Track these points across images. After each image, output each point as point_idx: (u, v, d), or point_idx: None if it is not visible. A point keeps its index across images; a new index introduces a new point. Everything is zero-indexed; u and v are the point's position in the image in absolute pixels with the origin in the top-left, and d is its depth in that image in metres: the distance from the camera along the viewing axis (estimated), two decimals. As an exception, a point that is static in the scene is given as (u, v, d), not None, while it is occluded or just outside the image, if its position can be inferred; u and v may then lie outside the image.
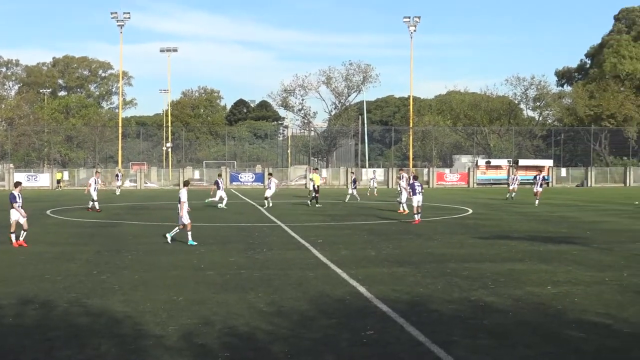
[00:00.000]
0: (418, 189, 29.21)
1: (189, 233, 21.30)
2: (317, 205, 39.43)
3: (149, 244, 21.57)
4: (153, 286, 14.06)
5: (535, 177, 43.61)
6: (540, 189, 42.11)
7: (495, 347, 9.57)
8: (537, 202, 40.58)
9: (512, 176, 51.72)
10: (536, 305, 12.21)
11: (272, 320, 10.99)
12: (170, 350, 9.38)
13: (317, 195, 40.35)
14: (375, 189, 57.30)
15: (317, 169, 52.96)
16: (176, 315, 11.32)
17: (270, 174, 42.99)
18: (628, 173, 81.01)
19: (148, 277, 15.13)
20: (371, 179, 60.41)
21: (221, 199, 38.86)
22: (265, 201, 39.17)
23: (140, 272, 15.80)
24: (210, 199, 40.83)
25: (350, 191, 44.81)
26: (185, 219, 21.38)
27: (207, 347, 9.50)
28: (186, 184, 23.03)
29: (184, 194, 21.52)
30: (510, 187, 49.05)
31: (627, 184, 79.04)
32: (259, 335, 10.12)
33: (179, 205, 21.63)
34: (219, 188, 39.88)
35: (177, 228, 21.54)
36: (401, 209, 34.52)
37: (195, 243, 20.86)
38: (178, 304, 12.25)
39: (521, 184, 54.04)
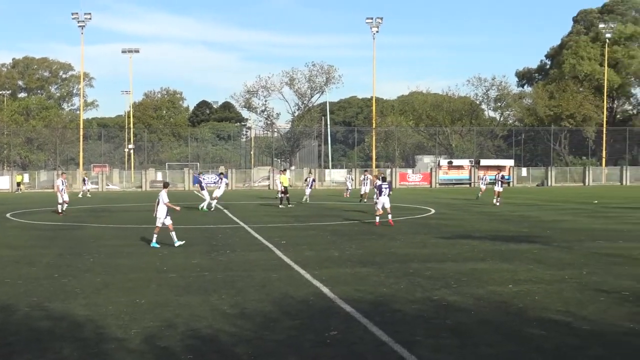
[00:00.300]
0: (385, 191, 29.01)
1: (155, 235, 21.15)
2: (289, 205, 39.58)
3: (110, 246, 21.38)
4: (115, 289, 13.94)
5: (495, 176, 44.02)
6: (500, 189, 42.46)
7: (458, 346, 9.64)
8: (496, 201, 40.83)
9: (483, 176, 52.00)
10: (498, 304, 12.33)
11: (236, 322, 10.96)
12: (133, 353, 9.31)
13: (287, 195, 40.42)
14: (349, 190, 56.87)
15: (285, 170, 52.88)
16: (138, 318, 11.24)
17: (221, 174, 41.81)
18: (587, 173, 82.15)
19: (110, 280, 14.99)
20: (347, 179, 60.17)
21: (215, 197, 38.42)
22: (213, 202, 38.00)
23: (102, 275, 15.65)
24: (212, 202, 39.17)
25: (307, 191, 44.98)
26: (159, 222, 21.14)
27: (169, 350, 9.44)
28: (166, 185, 22.77)
29: (164, 195, 21.32)
30: (482, 187, 49.44)
31: (586, 184, 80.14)
32: (222, 337, 10.08)
33: (157, 208, 21.34)
34: (202, 188, 39.24)
35: (172, 233, 21.23)
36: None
37: (158, 246, 20.73)
38: (140, 307, 12.16)
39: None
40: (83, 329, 10.59)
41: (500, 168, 76.84)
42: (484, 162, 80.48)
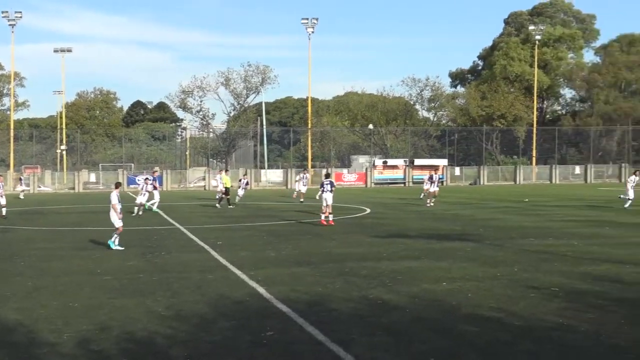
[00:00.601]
0: (327, 187, 28.76)
1: (117, 237, 20.74)
2: (229, 206, 39.39)
3: (42, 249, 20.98)
4: (47, 292, 13.70)
5: (430, 176, 44.38)
6: (436, 188, 42.91)
7: (393, 344, 9.77)
8: (430, 201, 40.96)
9: (429, 175, 51.54)
10: (432, 301, 12.53)
11: (171, 324, 10.90)
12: (66, 357, 9.18)
13: (227, 197, 40.21)
14: (297, 192, 54.33)
15: (227, 170, 52.21)
16: (72, 322, 11.08)
17: (146, 179, 36.28)
18: (518, 171, 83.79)
19: (42, 284, 14.72)
20: (297, 180, 57.18)
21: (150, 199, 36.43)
22: (136, 208, 34.45)
23: (33, 279, 15.35)
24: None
25: (240, 192, 44.16)
26: (117, 222, 20.75)
27: (104, 354, 9.34)
28: (117, 185, 22.33)
29: (114, 196, 20.93)
30: (425, 187, 49.60)
31: (517, 182, 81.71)
32: (157, 339, 10.02)
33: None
34: (155, 188, 36.96)
35: (115, 235, 20.82)
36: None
37: (121, 248, 20.36)
38: (74, 310, 11.99)
39: (417, 183, 54.89)
40: (14, 334, 10.40)
41: (434, 168, 77.95)
42: (418, 161, 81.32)
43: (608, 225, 27.32)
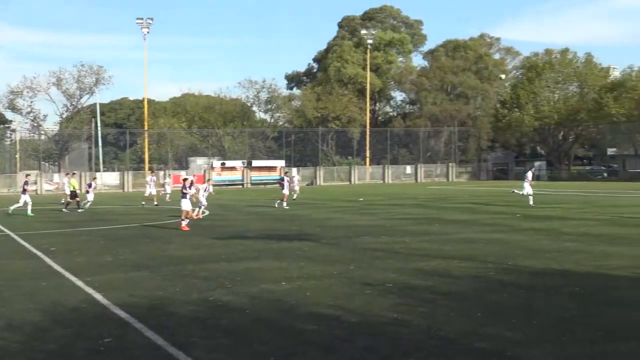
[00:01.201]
0: (189, 192, 28.13)
1: None
2: (78, 210, 38.27)
3: None
4: None
5: (281, 178, 44.13)
6: (289, 191, 42.38)
7: (233, 345, 9.84)
8: (282, 204, 40.34)
9: (289, 177, 50.16)
10: (271, 301, 12.69)
11: (2, 334, 10.45)
12: None
13: (77, 199, 39.14)
14: (168, 195, 50.92)
15: (74, 173, 50.27)
16: None
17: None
18: (352, 172, 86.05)
19: None
20: (165, 183, 54.76)
21: (25, 204, 35.95)
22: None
23: None
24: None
25: (89, 197, 42.84)
26: None
27: None
28: None
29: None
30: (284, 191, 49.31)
31: (352, 182, 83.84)
32: (-12, 351, 9.60)
33: None
34: (24, 192, 36.28)
35: None
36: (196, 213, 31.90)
37: None
38: None
39: (255, 184, 54.96)
40: None
41: (272, 168, 78.74)
42: (256, 163, 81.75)
43: (437, 222, 28.63)
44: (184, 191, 27.89)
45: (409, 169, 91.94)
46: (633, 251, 18.75)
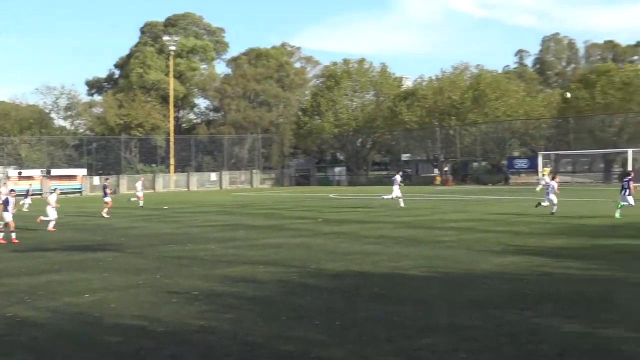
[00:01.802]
0: (11, 204, 26.88)
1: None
2: None
3: None
4: None
5: (104, 186, 41.83)
6: (109, 199, 40.27)
7: (34, 361, 9.56)
8: (106, 213, 38.90)
9: (103, 185, 46.59)
10: (74, 314, 12.38)
11: None
12: None
13: None
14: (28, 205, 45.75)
15: None
16: None
17: None
18: (156, 179, 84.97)
19: None
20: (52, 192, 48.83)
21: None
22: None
23: None
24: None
25: (27, 200, 39.97)
26: None
27: None
28: None
29: None
30: (139, 195, 48.72)
31: (156, 190, 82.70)
32: None
33: None
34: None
35: None
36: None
37: None
38: None
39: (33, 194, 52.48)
40: None
41: (73, 177, 76.05)
42: (55, 171, 78.66)
43: (242, 228, 28.96)
44: None
45: (213, 176, 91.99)
46: (423, 252, 19.97)
